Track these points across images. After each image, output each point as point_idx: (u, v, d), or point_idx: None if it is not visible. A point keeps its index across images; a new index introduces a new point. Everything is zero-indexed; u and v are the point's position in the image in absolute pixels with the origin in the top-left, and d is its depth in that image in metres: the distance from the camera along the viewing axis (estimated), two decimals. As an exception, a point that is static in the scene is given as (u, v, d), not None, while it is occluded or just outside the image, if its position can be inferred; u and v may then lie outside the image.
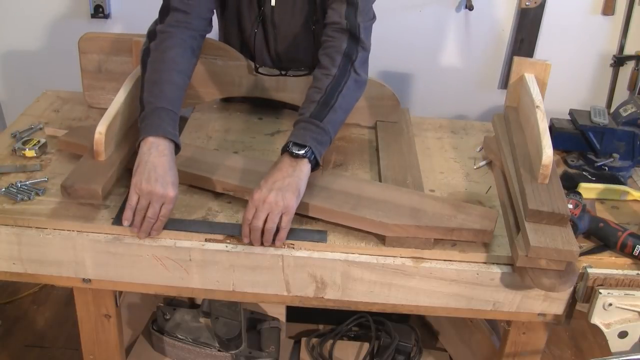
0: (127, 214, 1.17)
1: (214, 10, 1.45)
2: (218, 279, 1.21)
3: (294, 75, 1.55)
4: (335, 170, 1.43)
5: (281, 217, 1.15)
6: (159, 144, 1.19)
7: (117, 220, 1.20)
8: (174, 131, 1.22)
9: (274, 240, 1.16)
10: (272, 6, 1.50)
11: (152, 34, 1.34)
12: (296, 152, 1.18)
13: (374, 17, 1.40)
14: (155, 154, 1.18)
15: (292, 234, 1.21)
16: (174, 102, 1.26)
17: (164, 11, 1.35)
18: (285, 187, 1.15)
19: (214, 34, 1.65)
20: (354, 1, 1.33)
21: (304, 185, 1.18)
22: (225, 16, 1.59)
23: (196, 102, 1.63)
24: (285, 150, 1.20)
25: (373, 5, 1.41)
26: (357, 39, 1.32)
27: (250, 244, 1.18)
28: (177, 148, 1.23)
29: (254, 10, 1.52)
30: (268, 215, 1.14)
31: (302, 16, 1.50)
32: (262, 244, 1.17)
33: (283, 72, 1.56)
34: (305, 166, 1.18)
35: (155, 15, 1.38)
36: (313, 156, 1.19)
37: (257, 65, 1.56)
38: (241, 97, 1.61)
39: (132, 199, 1.16)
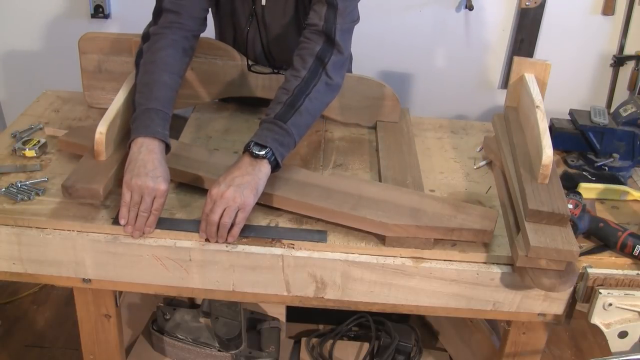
0: (123, 212, 1.18)
1: (208, 9, 1.45)
2: (218, 279, 1.21)
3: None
4: (335, 170, 1.43)
5: (237, 213, 1.16)
6: (148, 143, 1.21)
7: (117, 221, 1.20)
8: (163, 131, 1.24)
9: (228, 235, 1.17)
10: (263, 5, 1.49)
11: (145, 37, 1.36)
12: (256, 152, 1.19)
13: (356, 20, 1.38)
14: (145, 152, 1.20)
15: (292, 233, 1.21)
16: (164, 102, 1.27)
17: (157, 13, 1.36)
18: (244, 184, 1.16)
19: (210, 32, 1.65)
20: (334, 3, 1.31)
21: (262, 185, 1.19)
22: (219, 14, 1.59)
23: (196, 102, 1.63)
24: (247, 149, 1.21)
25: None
26: (332, 42, 1.31)
27: (208, 240, 1.19)
28: (167, 148, 1.25)
29: (247, 8, 1.52)
30: (225, 210, 1.15)
31: (292, 16, 1.50)
32: (217, 240, 1.18)
33: (275, 71, 1.56)
34: (264, 167, 1.19)
35: (154, 15, 1.38)
36: (273, 157, 1.20)
37: (250, 63, 1.56)
38: (241, 97, 1.61)
39: (125, 196, 1.18)
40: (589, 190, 1.37)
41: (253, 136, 1.22)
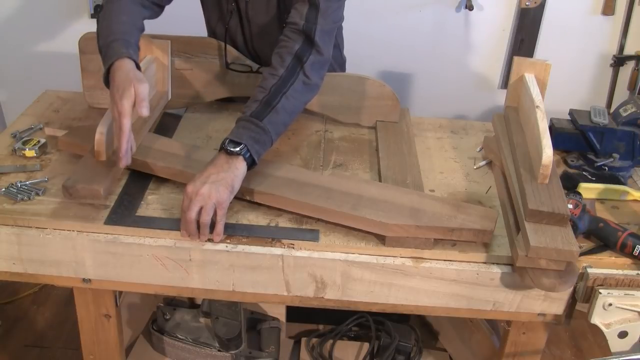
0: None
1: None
2: (218, 279, 1.21)
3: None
4: (335, 170, 1.43)
5: (215, 211, 1.15)
6: (120, 64, 1.24)
7: (110, 220, 1.20)
8: (127, 51, 1.26)
9: (211, 234, 1.17)
10: (247, 1, 1.49)
11: None
12: (231, 149, 1.19)
13: (339, 20, 1.38)
14: (118, 66, 1.23)
15: (292, 233, 1.21)
16: (124, 33, 1.30)
17: None
18: (219, 181, 1.15)
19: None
20: (316, 3, 1.31)
21: (238, 182, 1.19)
22: (206, 6, 1.59)
23: (196, 102, 1.63)
24: (222, 147, 1.21)
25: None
26: (311, 42, 1.31)
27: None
28: (137, 66, 1.28)
29: (231, 2, 1.51)
30: (202, 208, 1.14)
31: (275, 12, 1.50)
32: (199, 238, 1.18)
33: (253, 70, 1.56)
34: (240, 164, 1.19)
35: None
36: (249, 154, 1.20)
37: (230, 61, 1.56)
38: (241, 97, 1.61)
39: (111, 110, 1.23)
40: (589, 190, 1.37)
41: (229, 134, 1.23)
